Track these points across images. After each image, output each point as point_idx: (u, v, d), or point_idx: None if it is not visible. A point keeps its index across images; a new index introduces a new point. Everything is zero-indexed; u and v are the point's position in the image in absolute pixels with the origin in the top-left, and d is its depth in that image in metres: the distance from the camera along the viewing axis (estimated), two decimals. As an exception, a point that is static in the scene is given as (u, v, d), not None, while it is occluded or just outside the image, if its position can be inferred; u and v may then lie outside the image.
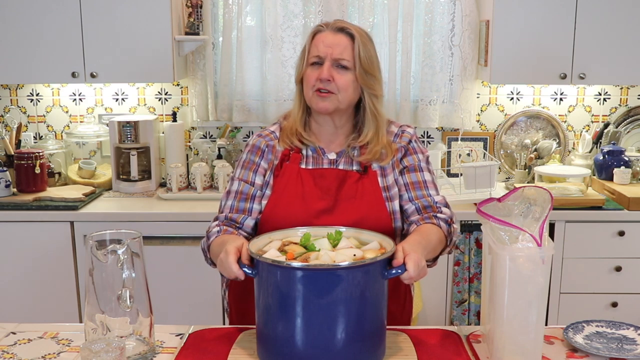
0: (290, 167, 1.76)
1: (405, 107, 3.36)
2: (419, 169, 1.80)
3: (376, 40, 3.37)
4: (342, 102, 1.73)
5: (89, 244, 1.43)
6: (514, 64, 3.10)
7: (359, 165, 1.77)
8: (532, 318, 1.39)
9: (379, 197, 1.74)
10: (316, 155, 1.79)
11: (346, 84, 1.71)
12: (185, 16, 3.27)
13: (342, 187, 1.74)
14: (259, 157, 1.79)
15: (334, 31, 1.73)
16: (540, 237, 1.37)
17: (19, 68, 3.12)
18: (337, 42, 1.71)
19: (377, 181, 1.76)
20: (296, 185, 1.74)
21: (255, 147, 1.81)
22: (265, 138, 1.81)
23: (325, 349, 1.37)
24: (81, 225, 2.96)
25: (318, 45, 1.72)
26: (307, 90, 1.74)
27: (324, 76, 1.69)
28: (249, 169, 1.79)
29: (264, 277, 1.40)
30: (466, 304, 3.09)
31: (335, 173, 1.75)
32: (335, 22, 1.75)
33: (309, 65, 1.73)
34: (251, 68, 3.41)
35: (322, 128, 1.80)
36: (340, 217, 1.69)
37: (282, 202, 1.73)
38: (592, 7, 3.04)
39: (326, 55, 1.70)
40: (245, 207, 1.76)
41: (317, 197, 1.73)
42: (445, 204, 1.78)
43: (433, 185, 1.80)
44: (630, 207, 2.95)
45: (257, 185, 1.77)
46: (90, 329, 1.44)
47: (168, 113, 3.49)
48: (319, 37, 1.73)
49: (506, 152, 3.50)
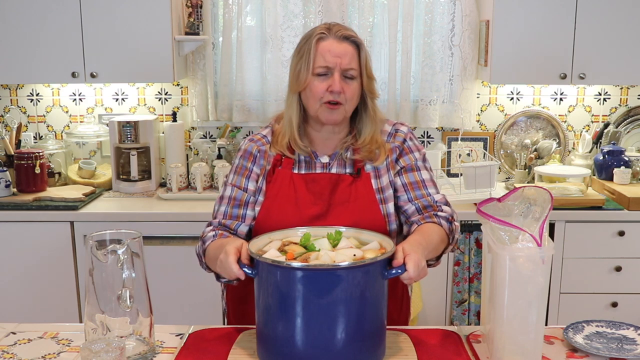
0: (282, 172, 1.74)
1: (405, 107, 3.35)
2: (416, 168, 1.78)
3: (376, 40, 3.39)
4: (348, 111, 1.72)
5: (89, 244, 1.43)
6: (514, 64, 3.10)
7: (352, 168, 1.75)
8: (532, 318, 1.39)
9: (372, 200, 1.73)
10: (309, 160, 1.77)
11: (353, 93, 1.70)
12: (185, 16, 3.27)
13: (335, 192, 1.72)
14: (251, 162, 1.78)
15: (338, 40, 1.68)
16: (540, 237, 1.37)
17: (19, 68, 3.12)
18: (344, 52, 1.67)
19: (370, 183, 1.74)
20: (289, 191, 1.72)
21: (247, 153, 1.79)
22: (257, 143, 1.79)
23: (325, 349, 1.37)
24: (81, 225, 2.96)
25: (325, 55, 1.67)
26: (314, 101, 1.69)
27: (337, 89, 1.66)
28: (242, 175, 1.77)
29: (264, 277, 1.40)
30: (466, 304, 3.09)
31: (327, 177, 1.74)
32: (338, 30, 1.70)
33: (315, 75, 1.68)
34: (251, 68, 3.41)
35: (319, 134, 1.78)
36: (334, 222, 1.66)
37: (275, 208, 1.72)
38: (592, 7, 3.04)
39: (335, 66, 1.66)
40: (239, 213, 1.75)
41: (310, 202, 1.71)
42: (446, 202, 1.77)
43: (432, 183, 1.79)
44: (630, 207, 2.95)
45: (249, 191, 1.76)
46: (90, 329, 1.44)
47: (168, 113, 3.49)
48: (324, 45, 1.67)
49: (506, 152, 3.50)
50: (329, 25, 1.72)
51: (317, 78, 1.68)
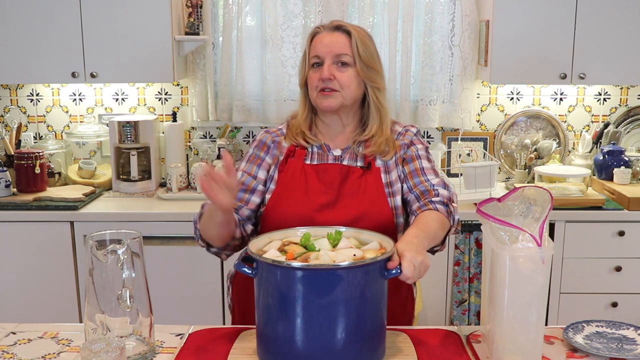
0: (294, 162, 1.79)
1: (405, 107, 3.35)
2: (417, 157, 1.80)
3: (376, 40, 3.34)
4: (346, 98, 1.75)
5: (89, 244, 1.43)
6: (514, 64, 3.10)
7: (363, 162, 1.79)
8: (532, 318, 1.39)
9: (381, 192, 1.75)
10: (321, 152, 1.81)
11: (348, 80, 1.74)
12: (185, 16, 3.27)
13: (345, 183, 1.75)
14: (264, 152, 1.83)
15: (330, 31, 1.76)
16: (540, 237, 1.37)
17: (19, 68, 3.12)
18: (335, 41, 1.74)
19: (380, 177, 1.77)
20: (300, 180, 1.76)
21: (261, 143, 1.85)
22: (272, 134, 1.86)
23: (325, 349, 1.37)
24: (81, 225, 2.96)
25: (316, 46, 1.75)
26: (312, 91, 1.77)
27: (325, 75, 1.72)
28: (254, 163, 1.83)
29: (264, 277, 1.40)
30: (466, 304, 3.09)
31: (338, 168, 1.77)
32: (332, 22, 1.78)
33: (311, 67, 1.77)
34: (251, 68, 3.41)
35: (329, 127, 1.83)
36: (342, 212, 1.70)
37: (285, 196, 1.75)
38: (592, 7, 3.04)
39: (325, 54, 1.74)
40: (244, 197, 1.79)
41: (320, 191, 1.74)
42: (444, 185, 1.77)
43: (432, 171, 1.80)
44: (630, 207, 2.95)
45: (259, 179, 1.80)
46: (90, 329, 1.44)
47: (168, 113, 3.49)
48: (317, 38, 1.77)
49: (506, 152, 3.50)
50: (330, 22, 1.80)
51: (312, 69, 1.77)
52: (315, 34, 1.78)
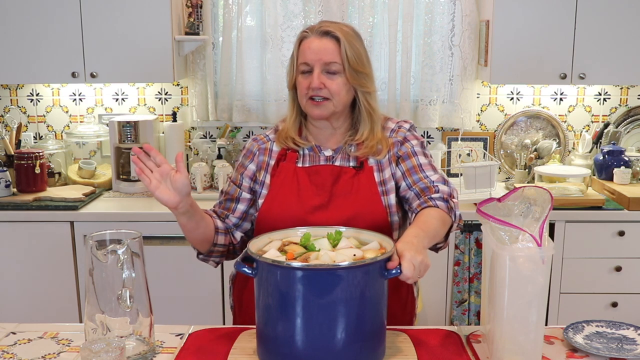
0: (286, 166, 1.78)
1: (405, 107, 3.35)
2: (413, 154, 1.79)
3: (376, 40, 3.38)
4: (337, 106, 1.74)
5: (89, 244, 1.43)
6: (513, 64, 3.10)
7: (356, 161, 1.78)
8: (532, 318, 1.39)
9: (374, 192, 1.74)
10: (313, 154, 1.80)
11: (338, 88, 1.72)
12: (185, 16, 3.27)
13: (337, 183, 1.75)
14: (249, 160, 1.84)
15: (319, 36, 1.72)
16: (540, 237, 1.37)
17: (19, 68, 3.12)
18: (323, 47, 1.71)
19: (373, 176, 1.76)
20: (292, 182, 1.76)
21: (248, 151, 1.86)
22: (258, 142, 1.86)
23: (325, 349, 1.37)
24: (81, 225, 2.96)
25: (305, 52, 1.72)
26: (301, 98, 1.76)
27: (315, 85, 1.70)
28: (238, 171, 1.85)
29: (264, 277, 1.40)
30: (466, 304, 3.09)
31: (330, 169, 1.76)
32: (321, 26, 1.74)
33: (299, 73, 1.75)
34: (251, 68, 3.41)
35: (320, 130, 1.82)
36: (335, 213, 1.70)
37: (278, 199, 1.75)
38: (592, 7, 3.04)
39: (314, 62, 1.71)
40: (230, 206, 1.82)
41: (312, 193, 1.74)
42: (444, 181, 1.76)
43: (430, 167, 1.78)
44: (630, 207, 2.95)
45: (243, 187, 1.82)
46: (90, 329, 1.44)
47: (168, 113, 3.49)
48: (305, 43, 1.73)
49: (506, 152, 3.50)
50: (319, 23, 1.76)
51: (301, 75, 1.75)
52: (303, 38, 1.74)
